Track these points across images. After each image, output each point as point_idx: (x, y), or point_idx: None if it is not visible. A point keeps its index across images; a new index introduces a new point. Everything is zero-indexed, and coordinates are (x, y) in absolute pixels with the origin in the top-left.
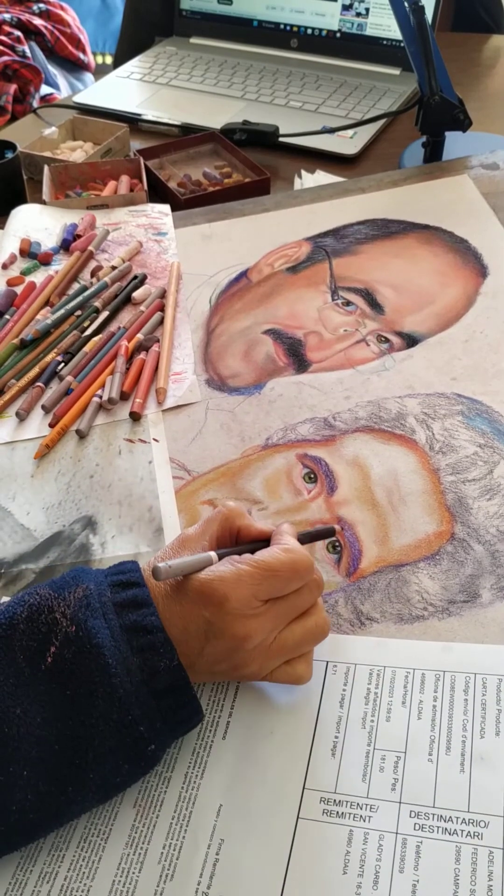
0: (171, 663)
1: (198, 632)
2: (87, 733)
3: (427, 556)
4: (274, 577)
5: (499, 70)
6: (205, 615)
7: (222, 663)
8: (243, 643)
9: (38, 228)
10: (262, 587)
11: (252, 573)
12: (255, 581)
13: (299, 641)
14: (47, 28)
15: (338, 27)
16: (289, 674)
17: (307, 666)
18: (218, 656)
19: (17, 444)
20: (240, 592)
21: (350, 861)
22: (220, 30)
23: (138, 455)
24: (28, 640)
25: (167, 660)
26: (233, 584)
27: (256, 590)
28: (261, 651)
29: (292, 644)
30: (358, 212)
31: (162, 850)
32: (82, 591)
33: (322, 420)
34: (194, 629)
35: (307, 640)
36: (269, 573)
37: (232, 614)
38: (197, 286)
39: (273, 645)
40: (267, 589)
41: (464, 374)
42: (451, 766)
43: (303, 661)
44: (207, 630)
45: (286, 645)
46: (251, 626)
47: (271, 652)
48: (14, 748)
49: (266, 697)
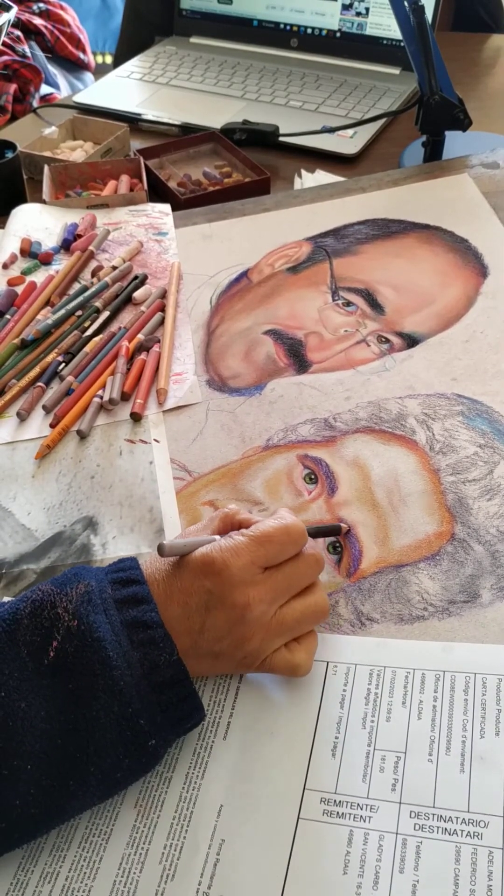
0: (171, 657)
1: (199, 605)
2: (88, 726)
3: (427, 557)
4: (269, 543)
5: (499, 70)
6: (206, 585)
7: (224, 639)
8: (244, 612)
9: (39, 228)
10: (259, 553)
11: (248, 542)
12: (252, 548)
13: (299, 618)
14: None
15: (338, 27)
16: (287, 661)
17: (307, 655)
18: (219, 631)
19: (18, 444)
20: (239, 560)
21: (350, 861)
22: (220, 29)
23: (139, 456)
24: (31, 636)
25: (167, 654)
26: (231, 552)
27: (254, 556)
28: (262, 626)
29: (292, 620)
30: (358, 211)
31: (163, 851)
32: (84, 588)
33: (322, 421)
34: (195, 603)
35: (307, 617)
36: (264, 539)
37: (232, 582)
38: (197, 286)
39: (273, 620)
40: (264, 555)
41: (464, 374)
42: (450, 766)
43: (302, 649)
44: (208, 601)
45: (286, 621)
46: (251, 595)
47: (272, 627)
48: (18, 742)
49: (267, 697)
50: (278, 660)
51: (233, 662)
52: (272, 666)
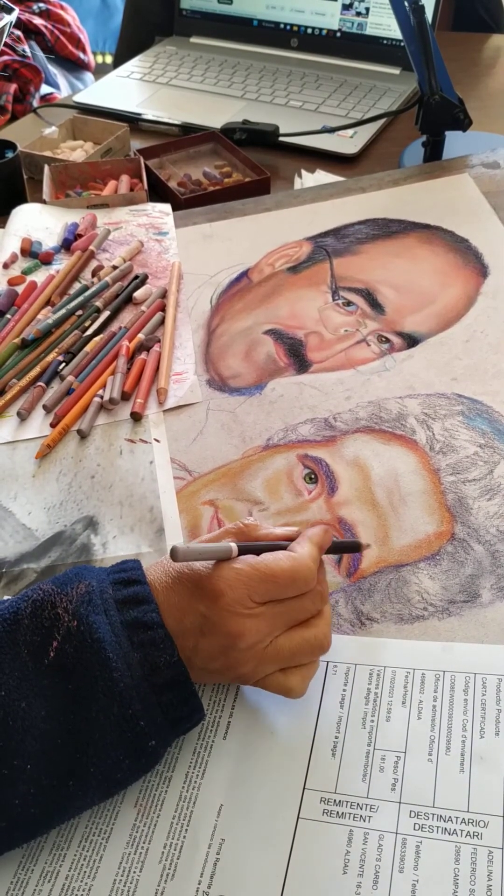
0: (172, 659)
1: (193, 626)
2: (88, 727)
3: (427, 557)
4: (271, 582)
5: (499, 69)
6: (200, 609)
7: (216, 661)
8: (236, 641)
9: (39, 228)
10: (257, 589)
11: (249, 573)
12: (251, 581)
13: (295, 650)
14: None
15: (338, 27)
16: (280, 683)
17: (301, 680)
18: (212, 653)
19: (19, 443)
20: (235, 591)
21: (350, 861)
22: (220, 29)
23: (139, 455)
24: (32, 635)
25: (167, 655)
26: (229, 581)
27: (251, 591)
28: (255, 653)
29: (288, 652)
30: (358, 211)
31: (163, 850)
32: (84, 588)
33: (323, 420)
34: (189, 623)
35: (304, 650)
36: (266, 576)
37: (226, 611)
38: (198, 286)
39: (268, 649)
40: (262, 591)
41: (464, 374)
42: (450, 766)
43: (297, 674)
44: (202, 624)
45: (281, 651)
46: (245, 625)
47: (266, 656)
48: (18, 741)
49: (267, 698)
50: (271, 682)
51: (226, 679)
52: (265, 686)
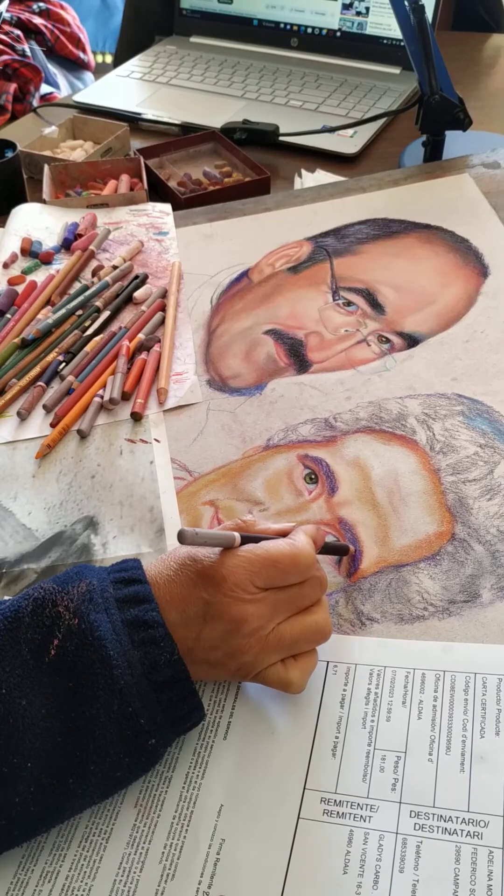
0: (172, 657)
1: (196, 614)
2: (88, 725)
3: (427, 557)
4: (273, 567)
5: (499, 69)
6: (203, 596)
7: (218, 650)
8: (239, 626)
9: (39, 227)
10: (259, 574)
11: (252, 559)
12: (253, 567)
13: (297, 637)
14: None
15: (338, 26)
16: (280, 676)
17: (301, 674)
18: (214, 641)
19: (19, 443)
20: (238, 576)
21: (350, 861)
22: (220, 29)
23: (139, 455)
24: (33, 633)
25: (167, 653)
26: (232, 567)
27: (254, 576)
28: (258, 640)
29: (290, 639)
30: (359, 211)
31: (163, 850)
32: (85, 586)
33: (323, 421)
34: (192, 611)
35: (305, 637)
36: (268, 562)
37: (229, 596)
38: (198, 286)
39: (271, 636)
40: (265, 577)
41: (464, 374)
42: (451, 766)
43: (297, 666)
44: (206, 611)
45: (283, 638)
46: (247, 611)
47: (268, 643)
48: (19, 739)
49: (267, 698)
50: (271, 674)
51: (228, 672)
52: (265, 679)
